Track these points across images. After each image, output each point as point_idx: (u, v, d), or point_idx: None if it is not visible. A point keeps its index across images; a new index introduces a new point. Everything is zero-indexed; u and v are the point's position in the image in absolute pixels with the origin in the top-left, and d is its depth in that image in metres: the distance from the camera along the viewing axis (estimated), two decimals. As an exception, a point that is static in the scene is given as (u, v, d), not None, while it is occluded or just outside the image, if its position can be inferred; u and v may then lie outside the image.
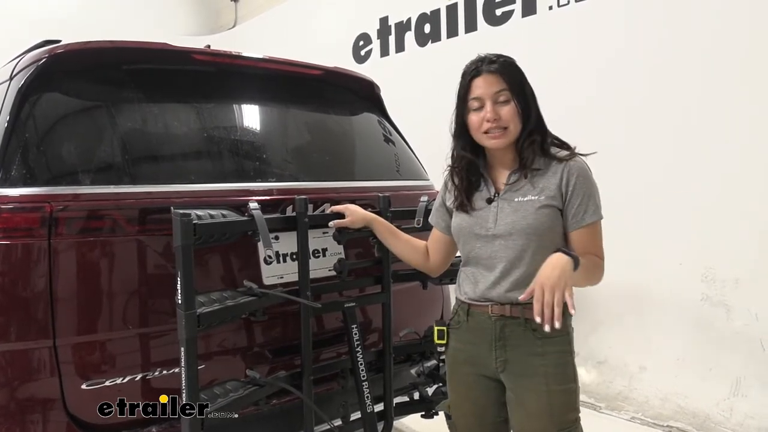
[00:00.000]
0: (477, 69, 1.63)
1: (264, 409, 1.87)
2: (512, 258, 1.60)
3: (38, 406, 1.64)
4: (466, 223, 1.69)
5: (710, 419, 3.14)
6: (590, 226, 1.58)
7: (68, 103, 1.89)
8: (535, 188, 1.60)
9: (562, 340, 1.60)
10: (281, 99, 2.35)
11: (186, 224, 1.58)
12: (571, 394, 1.60)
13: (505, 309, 1.62)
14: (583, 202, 1.57)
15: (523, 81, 1.64)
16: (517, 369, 1.61)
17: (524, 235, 1.59)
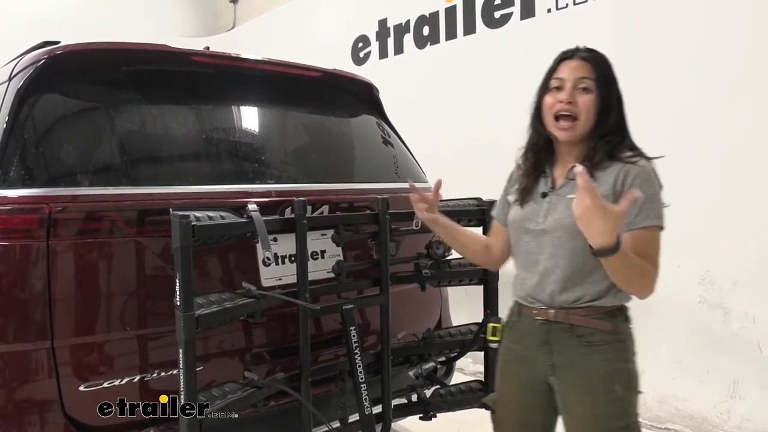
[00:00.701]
0: (569, 53, 1.59)
1: (262, 411, 1.87)
2: (555, 255, 1.55)
3: (36, 408, 1.64)
4: (519, 216, 1.65)
5: (708, 422, 3.15)
6: (643, 231, 1.46)
7: (67, 105, 1.89)
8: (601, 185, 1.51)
9: (613, 348, 1.53)
10: (280, 101, 2.35)
11: (185, 226, 1.58)
12: (620, 402, 1.52)
13: (549, 313, 1.58)
14: (638, 204, 1.44)
15: (612, 79, 1.56)
16: (564, 374, 1.57)
17: (569, 233, 1.51)
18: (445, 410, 2.24)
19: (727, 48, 3.07)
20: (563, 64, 1.58)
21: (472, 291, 2.46)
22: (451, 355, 2.34)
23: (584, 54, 1.57)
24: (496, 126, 4.19)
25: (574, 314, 1.54)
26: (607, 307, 1.54)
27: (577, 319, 1.54)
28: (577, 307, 1.54)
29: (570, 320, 1.55)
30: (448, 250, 2.34)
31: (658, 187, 1.52)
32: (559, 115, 1.55)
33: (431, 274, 2.19)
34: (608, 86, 1.55)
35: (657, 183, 1.52)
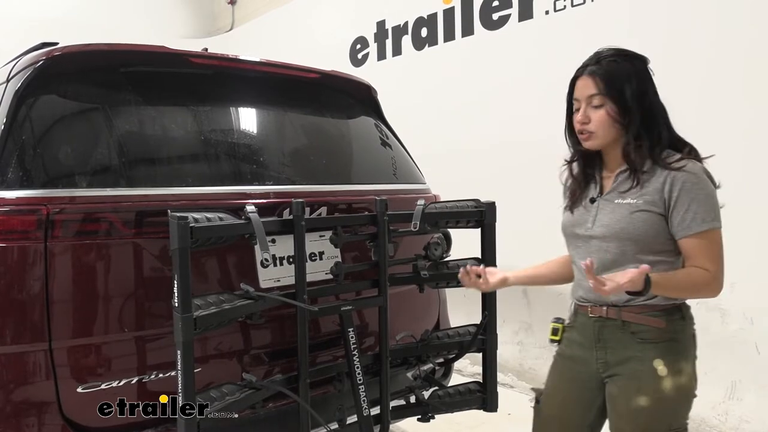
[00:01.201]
0: (579, 70, 1.64)
1: (260, 413, 1.87)
2: (605, 261, 1.58)
3: (34, 410, 1.63)
4: (569, 221, 1.71)
5: (706, 423, 3.15)
6: (698, 236, 1.49)
7: (65, 106, 1.89)
8: (637, 192, 1.56)
9: (666, 347, 1.55)
10: (278, 102, 2.35)
11: (183, 227, 1.58)
12: (666, 401, 1.53)
13: (602, 310, 1.62)
14: (690, 209, 1.49)
15: (624, 84, 1.56)
16: (615, 369, 1.60)
17: (617, 239, 1.57)
18: (444, 411, 2.24)
19: (729, 50, 3.08)
20: (576, 83, 1.64)
21: (471, 292, 2.46)
22: (450, 356, 2.34)
23: (592, 68, 1.60)
24: (495, 127, 4.20)
25: (627, 311, 1.58)
26: (661, 305, 1.57)
27: (631, 316, 1.58)
28: (632, 304, 1.58)
29: (623, 317, 1.59)
30: (447, 252, 2.34)
31: (709, 189, 1.53)
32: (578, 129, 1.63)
33: (429, 276, 2.19)
34: (621, 93, 1.56)
35: (707, 184, 1.53)
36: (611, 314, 1.61)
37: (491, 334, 2.26)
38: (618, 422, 1.61)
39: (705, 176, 1.55)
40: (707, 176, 1.55)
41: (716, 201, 1.54)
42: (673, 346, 1.56)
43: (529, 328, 4.09)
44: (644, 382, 1.55)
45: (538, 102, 3.89)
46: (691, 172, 1.52)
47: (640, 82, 1.58)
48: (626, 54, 1.62)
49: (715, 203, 1.53)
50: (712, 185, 1.55)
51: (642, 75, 1.59)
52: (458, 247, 2.50)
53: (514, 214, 2.09)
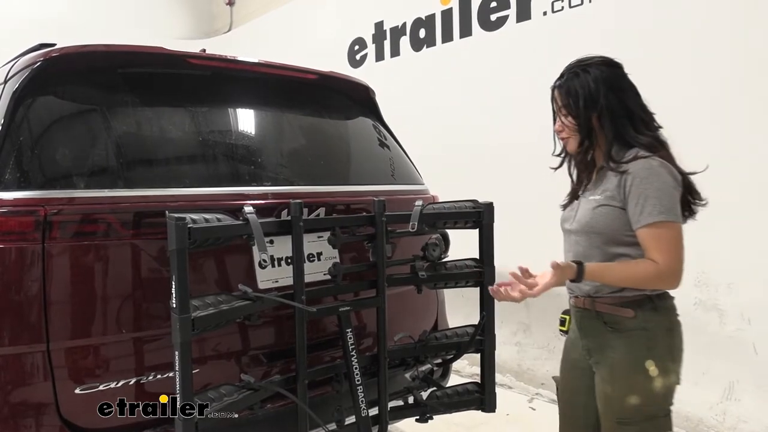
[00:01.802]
0: (554, 83, 1.80)
1: (259, 413, 1.87)
2: (578, 253, 1.72)
3: (31, 411, 1.63)
4: (562, 217, 1.87)
5: (703, 423, 3.15)
6: (648, 228, 1.57)
7: (63, 107, 1.89)
8: (601, 189, 1.70)
9: (636, 335, 1.64)
10: (276, 103, 2.35)
11: (181, 228, 1.58)
12: (638, 385, 1.62)
13: (580, 301, 1.76)
14: (639, 203, 1.58)
15: (577, 95, 1.70)
16: (595, 357, 1.73)
17: (584, 232, 1.71)
18: (442, 412, 2.24)
19: (723, 50, 3.08)
20: (553, 94, 1.81)
21: (469, 293, 2.46)
22: (448, 357, 2.34)
23: (558, 82, 1.78)
24: (493, 128, 4.21)
25: (600, 302, 1.70)
26: (630, 296, 1.66)
27: (603, 306, 1.69)
28: (603, 296, 1.69)
29: (596, 308, 1.71)
30: (445, 252, 2.34)
31: (661, 183, 1.58)
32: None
33: (427, 276, 2.19)
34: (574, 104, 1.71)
35: (659, 179, 1.59)
36: (587, 305, 1.73)
37: (489, 334, 2.26)
38: (600, 404, 1.72)
39: (660, 171, 1.60)
40: (665, 171, 1.60)
41: (670, 195, 1.59)
42: (643, 335, 1.63)
43: (528, 328, 4.10)
44: (616, 370, 1.65)
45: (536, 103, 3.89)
46: (644, 167, 1.60)
47: (592, 91, 1.69)
48: (587, 64, 1.74)
49: (668, 197, 1.58)
50: (670, 180, 1.60)
51: (597, 83, 1.70)
52: (456, 248, 2.51)
53: (512, 215, 2.10)
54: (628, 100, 1.70)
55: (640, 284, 1.61)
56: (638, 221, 1.59)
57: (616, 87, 1.70)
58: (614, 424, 1.65)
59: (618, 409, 1.64)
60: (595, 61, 1.75)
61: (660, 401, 1.65)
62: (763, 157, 2.96)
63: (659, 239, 1.57)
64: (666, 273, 1.57)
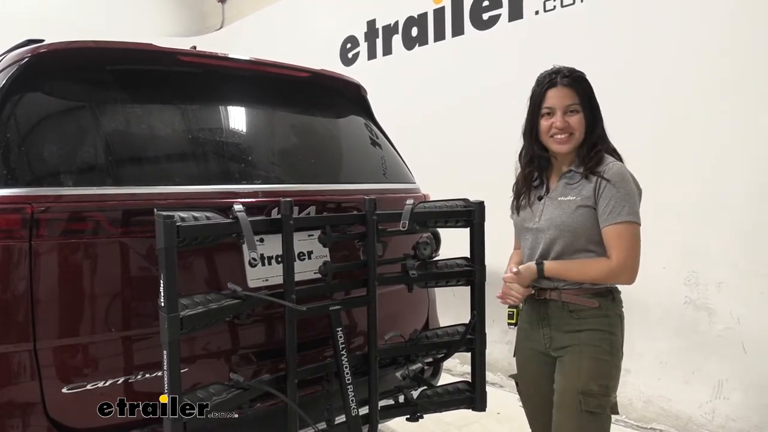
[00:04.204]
0: (552, 80, 1.87)
1: (248, 413, 1.86)
2: (547, 249, 1.87)
3: (18, 411, 1.61)
4: (521, 217, 1.98)
5: (693, 422, 3.17)
6: (613, 228, 1.75)
7: (51, 104, 1.87)
8: (577, 190, 1.83)
9: (599, 321, 1.82)
10: (267, 101, 2.34)
11: (169, 226, 1.56)
12: (602, 363, 1.80)
13: (546, 293, 1.89)
14: (609, 205, 1.76)
15: (592, 96, 1.86)
16: (559, 343, 1.87)
17: (558, 229, 1.84)
18: (432, 411, 2.24)
19: (718, 50, 3.10)
20: (549, 92, 1.87)
21: (460, 292, 2.46)
22: (439, 356, 2.34)
23: (567, 80, 1.85)
24: (485, 127, 4.21)
25: (566, 293, 1.86)
26: (594, 288, 1.84)
27: (569, 297, 1.85)
28: (568, 287, 1.85)
29: (563, 298, 1.86)
30: (436, 251, 2.34)
31: (628, 188, 1.77)
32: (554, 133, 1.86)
33: (418, 275, 2.18)
34: (591, 102, 1.86)
35: (627, 184, 1.77)
36: (553, 296, 1.88)
37: (480, 333, 2.26)
38: (563, 382, 1.84)
39: (629, 177, 1.79)
40: (632, 177, 1.80)
41: (634, 200, 1.77)
42: (605, 321, 1.83)
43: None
44: (584, 347, 1.82)
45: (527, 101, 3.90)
46: (618, 172, 1.78)
47: (595, 97, 1.88)
48: (582, 74, 1.89)
49: (635, 201, 1.77)
50: (634, 186, 1.79)
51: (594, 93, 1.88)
52: (447, 247, 2.51)
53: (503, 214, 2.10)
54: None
55: (597, 280, 1.80)
56: (607, 220, 1.76)
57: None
58: (577, 397, 1.77)
59: (584, 383, 1.78)
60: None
61: (614, 380, 1.83)
62: (755, 157, 2.97)
63: (621, 237, 1.74)
64: (619, 269, 1.75)
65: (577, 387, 1.79)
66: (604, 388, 1.80)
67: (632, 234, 1.75)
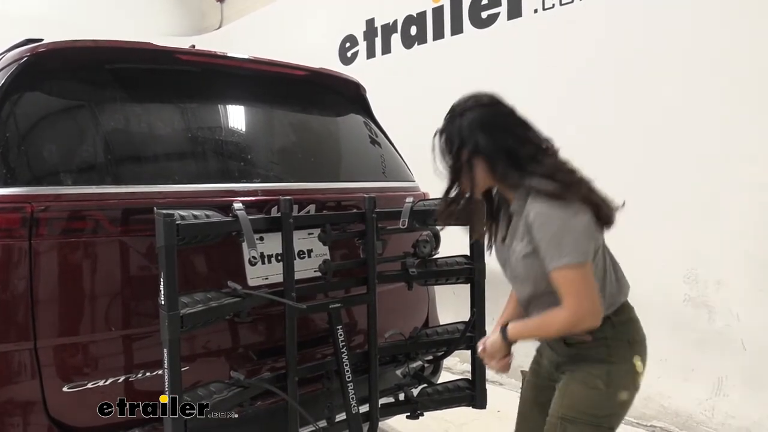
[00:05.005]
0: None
1: (249, 411, 1.86)
2: (526, 297, 1.70)
3: (18, 410, 1.61)
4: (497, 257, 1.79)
5: (693, 419, 3.17)
6: (553, 274, 1.53)
7: (50, 103, 1.87)
8: (519, 235, 1.62)
9: (596, 351, 1.66)
10: (266, 99, 2.34)
11: (169, 224, 1.57)
12: (592, 392, 1.63)
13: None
14: (542, 248, 1.53)
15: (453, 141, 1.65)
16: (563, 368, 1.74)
17: (518, 280, 1.69)
18: (432, 409, 2.24)
19: (718, 49, 3.10)
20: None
21: (460, 290, 2.46)
22: (439, 353, 2.34)
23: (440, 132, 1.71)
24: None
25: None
26: None
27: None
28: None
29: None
30: (435, 249, 2.34)
31: (554, 227, 1.51)
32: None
33: (418, 273, 2.19)
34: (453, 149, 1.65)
35: (552, 221, 1.51)
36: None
37: (480, 331, 2.26)
38: (555, 399, 1.73)
39: (551, 212, 1.51)
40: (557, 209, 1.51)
41: (569, 233, 1.51)
42: (603, 350, 1.65)
43: (519, 325, 4.10)
44: (577, 372, 1.68)
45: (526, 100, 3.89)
46: (538, 212, 1.53)
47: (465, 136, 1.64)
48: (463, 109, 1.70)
49: (567, 237, 1.51)
50: (565, 216, 1.51)
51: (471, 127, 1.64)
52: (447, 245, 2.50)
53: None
54: (503, 140, 1.62)
55: (559, 332, 1.61)
56: (548, 266, 1.54)
57: (489, 128, 1.63)
58: (557, 420, 1.66)
59: (566, 408, 1.66)
60: (468, 105, 1.70)
61: (612, 412, 1.65)
62: (755, 155, 2.97)
63: (565, 284, 1.52)
64: (577, 318, 1.53)
65: (558, 411, 1.67)
66: (590, 417, 1.63)
67: (574, 278, 1.51)
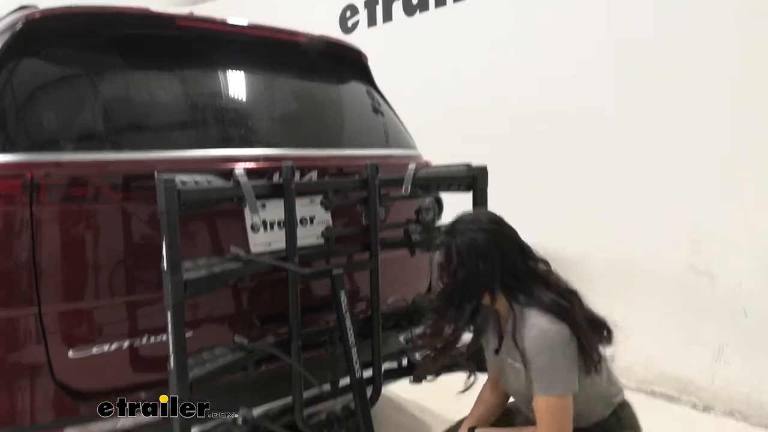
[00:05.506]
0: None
1: (253, 375, 1.88)
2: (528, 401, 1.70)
3: (25, 373, 1.63)
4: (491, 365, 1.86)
5: (693, 384, 3.20)
6: (537, 398, 1.61)
7: (47, 70, 1.85)
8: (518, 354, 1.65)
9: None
10: (267, 66, 2.31)
11: (170, 189, 1.56)
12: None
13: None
14: (534, 373, 1.60)
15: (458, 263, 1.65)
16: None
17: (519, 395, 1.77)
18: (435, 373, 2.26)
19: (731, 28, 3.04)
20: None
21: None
22: (441, 320, 2.35)
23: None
24: (487, 93, 4.17)
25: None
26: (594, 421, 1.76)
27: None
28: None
29: None
30: (438, 216, 2.34)
31: (548, 356, 1.57)
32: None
33: (421, 240, 2.19)
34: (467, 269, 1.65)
35: (547, 351, 1.57)
36: None
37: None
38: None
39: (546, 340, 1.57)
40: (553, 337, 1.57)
41: (558, 366, 1.57)
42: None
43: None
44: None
45: (529, 67, 3.85)
46: (535, 338, 1.59)
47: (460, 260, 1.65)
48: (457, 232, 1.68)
49: (557, 369, 1.57)
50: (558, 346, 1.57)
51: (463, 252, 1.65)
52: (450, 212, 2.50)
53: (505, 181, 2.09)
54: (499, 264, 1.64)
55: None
56: (534, 388, 1.61)
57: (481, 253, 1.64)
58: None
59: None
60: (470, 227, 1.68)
61: None
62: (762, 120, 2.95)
63: (546, 411, 1.59)
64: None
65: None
66: None
67: (556, 409, 1.59)
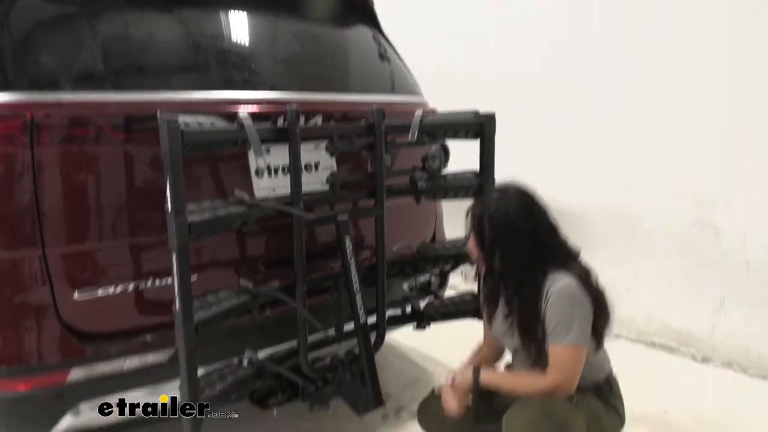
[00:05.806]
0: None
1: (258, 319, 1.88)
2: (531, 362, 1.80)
3: (31, 314, 1.63)
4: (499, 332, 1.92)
5: (693, 336, 3.24)
6: (553, 348, 1.70)
7: (45, 8, 1.79)
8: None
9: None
10: (273, 8, 2.24)
11: (173, 130, 1.53)
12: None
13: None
14: (552, 321, 1.69)
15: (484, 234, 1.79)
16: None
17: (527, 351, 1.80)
18: (439, 320, 2.28)
19: None
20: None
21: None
22: (446, 267, 2.35)
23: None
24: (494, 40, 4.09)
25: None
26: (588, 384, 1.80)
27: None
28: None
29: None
30: (445, 164, 2.31)
31: (574, 307, 1.69)
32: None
33: (427, 187, 2.16)
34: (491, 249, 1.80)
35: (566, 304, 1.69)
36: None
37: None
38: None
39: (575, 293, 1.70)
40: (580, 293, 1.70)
41: (575, 320, 1.68)
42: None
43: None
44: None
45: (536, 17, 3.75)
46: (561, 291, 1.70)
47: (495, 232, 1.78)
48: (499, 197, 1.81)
49: (573, 322, 1.68)
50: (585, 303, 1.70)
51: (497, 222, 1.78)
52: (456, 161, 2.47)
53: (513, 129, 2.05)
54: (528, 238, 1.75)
55: (530, 395, 1.71)
56: (550, 336, 1.70)
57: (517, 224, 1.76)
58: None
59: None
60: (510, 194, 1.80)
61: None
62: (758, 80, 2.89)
63: (560, 358, 1.69)
64: (552, 390, 1.68)
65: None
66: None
67: (571, 358, 1.69)
